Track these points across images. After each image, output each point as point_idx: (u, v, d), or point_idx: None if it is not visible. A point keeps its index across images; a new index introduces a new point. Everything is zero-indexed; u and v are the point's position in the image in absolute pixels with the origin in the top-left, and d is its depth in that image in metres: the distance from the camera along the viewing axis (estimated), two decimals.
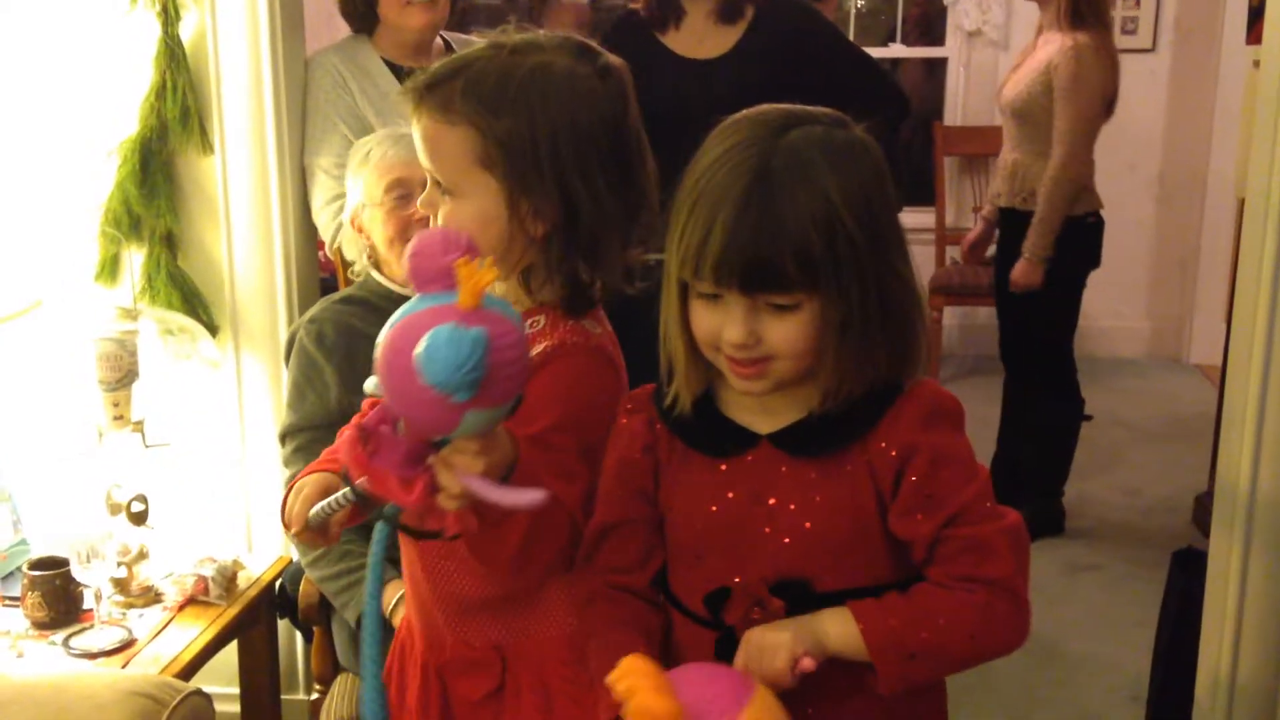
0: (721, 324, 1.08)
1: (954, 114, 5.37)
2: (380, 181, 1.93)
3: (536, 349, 1.20)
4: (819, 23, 2.56)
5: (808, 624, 1.10)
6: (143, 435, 2.22)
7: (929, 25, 5.46)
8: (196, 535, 2.29)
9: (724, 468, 1.14)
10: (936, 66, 5.43)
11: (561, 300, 1.24)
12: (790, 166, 1.05)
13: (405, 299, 1.33)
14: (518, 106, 1.18)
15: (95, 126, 2.27)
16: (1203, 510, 3.36)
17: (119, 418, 2.18)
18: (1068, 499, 3.59)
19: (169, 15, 2.19)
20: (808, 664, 1.07)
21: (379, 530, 1.12)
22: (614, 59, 1.25)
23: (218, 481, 2.39)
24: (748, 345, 1.07)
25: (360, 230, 1.99)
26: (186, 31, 2.23)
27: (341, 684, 2.00)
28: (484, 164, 1.19)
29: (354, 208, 2.00)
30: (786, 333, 1.07)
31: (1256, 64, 2.19)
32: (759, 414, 1.15)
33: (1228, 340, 2.18)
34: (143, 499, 2.07)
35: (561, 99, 1.19)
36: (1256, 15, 3.77)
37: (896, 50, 5.33)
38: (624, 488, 1.20)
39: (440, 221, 1.23)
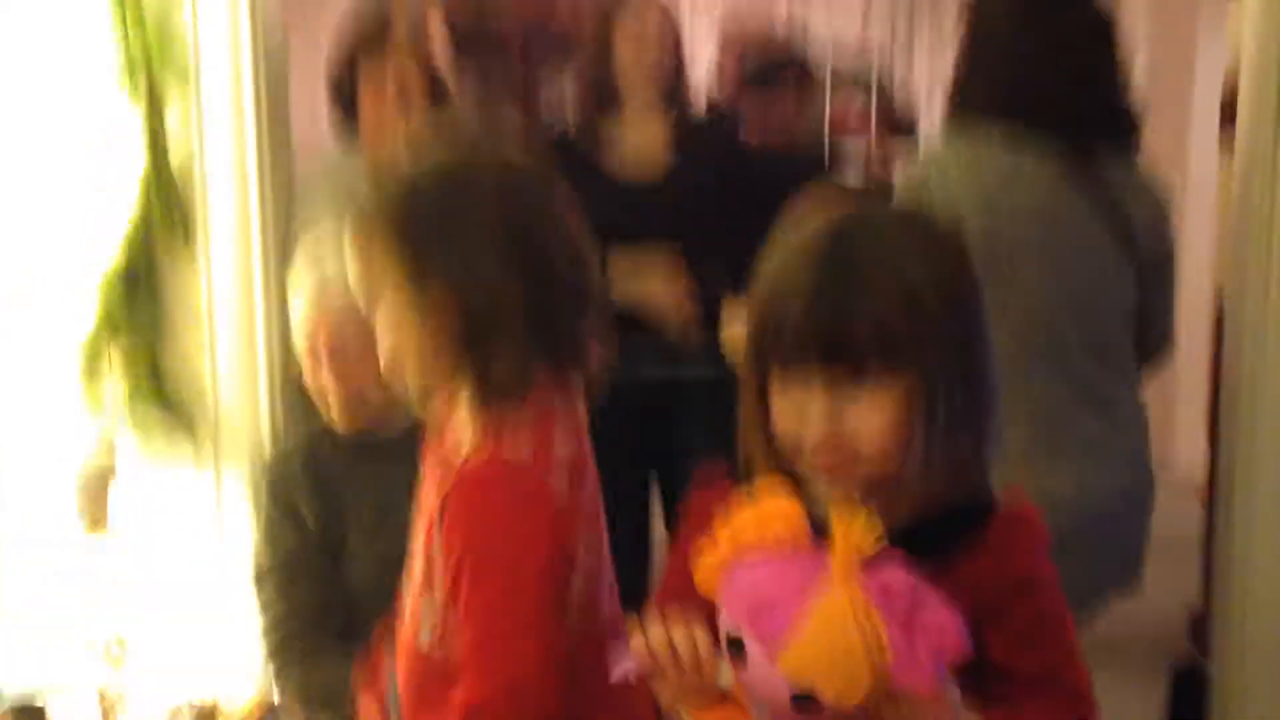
0: (803, 417, 1.05)
1: None
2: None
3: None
4: (740, 147, 2.62)
5: None
6: (120, 554, 2.16)
7: None
8: (174, 665, 2.21)
9: None
10: None
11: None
12: (860, 242, 1.06)
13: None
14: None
15: (77, 253, 2.23)
16: (1198, 627, 3.25)
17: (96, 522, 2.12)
18: None
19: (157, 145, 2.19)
20: None
21: None
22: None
23: (197, 605, 2.31)
24: (832, 438, 1.04)
25: None
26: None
27: None
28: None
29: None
30: (872, 421, 1.03)
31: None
32: None
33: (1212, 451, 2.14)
34: (121, 642, 2.01)
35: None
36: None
37: None
38: (686, 602, 1.10)
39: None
